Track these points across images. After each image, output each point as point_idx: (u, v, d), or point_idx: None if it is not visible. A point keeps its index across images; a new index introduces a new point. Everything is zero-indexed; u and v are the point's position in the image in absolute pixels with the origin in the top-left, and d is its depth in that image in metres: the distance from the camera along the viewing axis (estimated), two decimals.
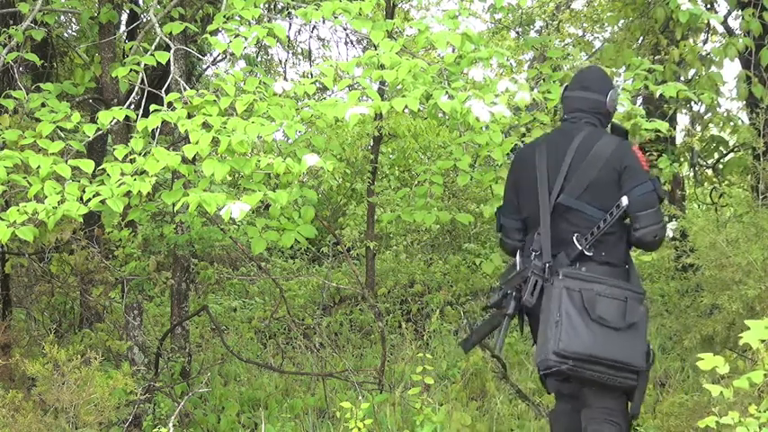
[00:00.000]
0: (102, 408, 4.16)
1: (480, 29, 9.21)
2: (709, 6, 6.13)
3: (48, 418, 4.10)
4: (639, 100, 6.79)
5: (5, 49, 4.05)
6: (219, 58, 8.45)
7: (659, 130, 4.75)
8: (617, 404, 3.26)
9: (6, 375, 4.51)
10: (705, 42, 6.48)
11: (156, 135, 3.64)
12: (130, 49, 4.31)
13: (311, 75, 8.38)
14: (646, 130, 4.49)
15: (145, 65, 3.85)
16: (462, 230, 8.71)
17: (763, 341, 2.66)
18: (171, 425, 4.05)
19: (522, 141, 4.35)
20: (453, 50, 3.67)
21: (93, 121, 3.71)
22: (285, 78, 8.18)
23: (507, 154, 4.38)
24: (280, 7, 6.52)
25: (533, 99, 4.00)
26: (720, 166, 6.49)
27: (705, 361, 2.74)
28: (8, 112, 4.06)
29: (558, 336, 3.09)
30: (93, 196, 3.22)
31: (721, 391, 2.67)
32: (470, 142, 4.39)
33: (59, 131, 3.74)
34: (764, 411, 2.76)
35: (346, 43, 8.71)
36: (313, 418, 4.98)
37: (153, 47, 3.90)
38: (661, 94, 4.42)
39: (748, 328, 2.83)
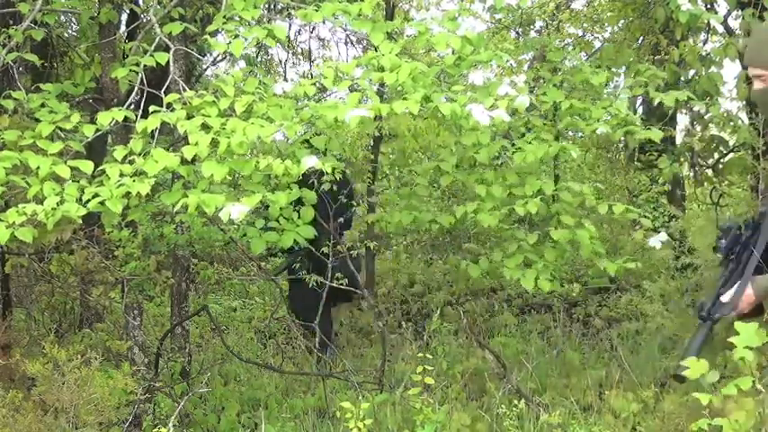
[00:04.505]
0: (102, 408, 4.16)
1: (480, 29, 9.21)
2: (709, 6, 6.12)
3: (48, 418, 4.10)
4: (639, 100, 6.79)
5: (5, 49, 4.04)
6: (219, 58, 8.46)
7: (659, 130, 4.74)
8: None
9: (6, 375, 4.51)
10: (705, 42, 6.47)
11: (156, 136, 3.63)
12: (130, 49, 4.30)
13: (311, 75, 8.38)
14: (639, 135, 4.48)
15: (145, 65, 3.85)
16: (462, 230, 8.71)
17: (751, 348, 2.60)
18: (171, 425, 4.05)
19: (513, 144, 4.34)
20: (453, 52, 3.67)
21: (94, 121, 3.71)
22: (285, 78, 8.18)
23: (495, 157, 4.44)
24: (280, 8, 6.52)
25: (531, 102, 3.99)
26: (720, 166, 6.48)
27: (691, 369, 2.67)
28: (8, 113, 4.06)
29: None
30: (92, 197, 3.22)
31: (710, 399, 2.65)
32: (459, 143, 4.40)
33: (59, 132, 3.74)
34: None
35: (346, 43, 8.72)
36: (313, 418, 4.98)
37: (152, 47, 3.89)
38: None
39: None
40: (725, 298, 2.89)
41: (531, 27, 9.17)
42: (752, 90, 3.02)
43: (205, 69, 8.70)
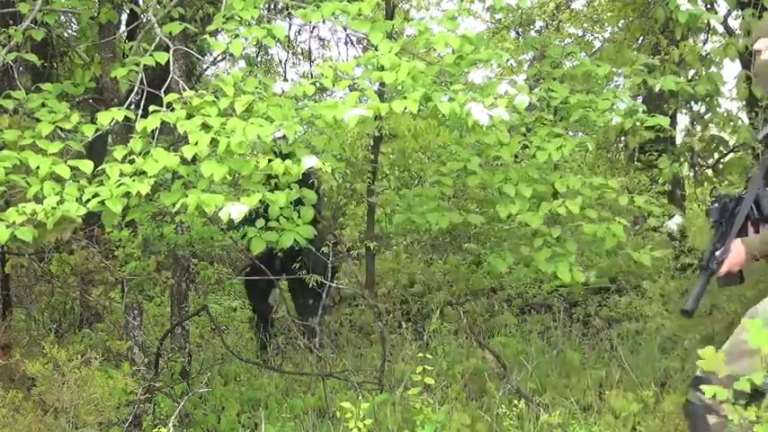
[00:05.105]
0: (102, 408, 4.15)
1: (480, 29, 9.22)
2: (709, 6, 6.13)
3: (48, 418, 4.10)
4: (639, 99, 6.79)
5: (5, 49, 4.04)
6: (219, 58, 8.46)
7: (660, 130, 4.75)
8: None
9: (6, 375, 4.51)
10: (705, 42, 6.48)
11: (156, 135, 3.64)
12: (130, 49, 4.30)
13: (311, 75, 8.38)
14: (647, 127, 4.50)
15: (145, 65, 3.85)
16: (462, 230, 8.71)
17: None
18: (171, 425, 4.05)
19: (528, 140, 4.35)
20: (453, 51, 3.67)
21: (94, 121, 3.71)
22: (285, 78, 8.19)
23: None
24: (280, 7, 6.52)
25: (534, 98, 4.00)
26: (720, 166, 6.49)
27: (707, 360, 2.65)
28: (8, 113, 4.06)
29: None
30: (92, 197, 3.22)
31: (714, 393, 2.63)
32: (478, 142, 4.42)
33: (60, 132, 3.74)
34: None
35: (346, 43, 8.73)
36: (313, 418, 4.98)
37: (152, 47, 3.89)
38: (660, 93, 4.43)
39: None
40: (719, 253, 3.28)
41: (531, 27, 9.18)
42: (756, 64, 3.38)
43: (205, 69, 8.70)
